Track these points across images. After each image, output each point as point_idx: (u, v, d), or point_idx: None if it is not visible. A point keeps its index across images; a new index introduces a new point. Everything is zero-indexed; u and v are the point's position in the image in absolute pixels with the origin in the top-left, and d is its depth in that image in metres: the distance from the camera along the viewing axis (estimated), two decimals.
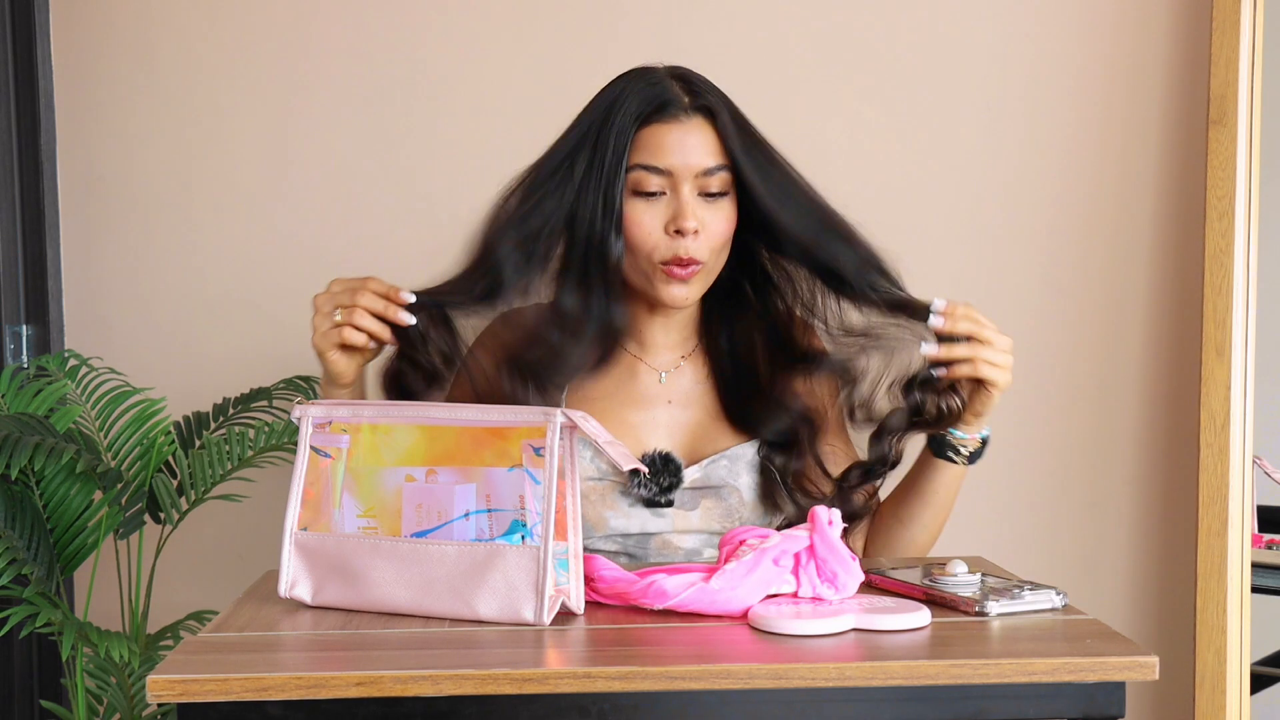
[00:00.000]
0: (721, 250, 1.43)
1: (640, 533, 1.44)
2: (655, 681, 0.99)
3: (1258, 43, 1.93)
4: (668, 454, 1.44)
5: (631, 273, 1.42)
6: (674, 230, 1.38)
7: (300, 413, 1.24)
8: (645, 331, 1.49)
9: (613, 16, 2.08)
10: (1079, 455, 2.10)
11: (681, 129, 1.38)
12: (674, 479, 1.44)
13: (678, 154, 1.37)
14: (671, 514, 1.44)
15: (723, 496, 1.46)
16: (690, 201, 1.38)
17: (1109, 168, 2.08)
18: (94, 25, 2.10)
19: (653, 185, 1.38)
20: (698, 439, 1.48)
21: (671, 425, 1.48)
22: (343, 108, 2.09)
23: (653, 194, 1.39)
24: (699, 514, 1.45)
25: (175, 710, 1.00)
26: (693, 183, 1.38)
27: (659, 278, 1.40)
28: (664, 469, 1.43)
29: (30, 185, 2.06)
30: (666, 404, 1.49)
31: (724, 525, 1.45)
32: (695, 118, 1.39)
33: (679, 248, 1.38)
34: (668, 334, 1.50)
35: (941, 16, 2.08)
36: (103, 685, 1.87)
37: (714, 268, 1.44)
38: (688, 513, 1.44)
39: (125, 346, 2.10)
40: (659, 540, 1.44)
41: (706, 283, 1.44)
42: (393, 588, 1.16)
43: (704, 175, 1.39)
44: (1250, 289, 1.92)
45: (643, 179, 1.38)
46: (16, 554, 1.72)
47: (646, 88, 1.39)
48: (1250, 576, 1.90)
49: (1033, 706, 1.02)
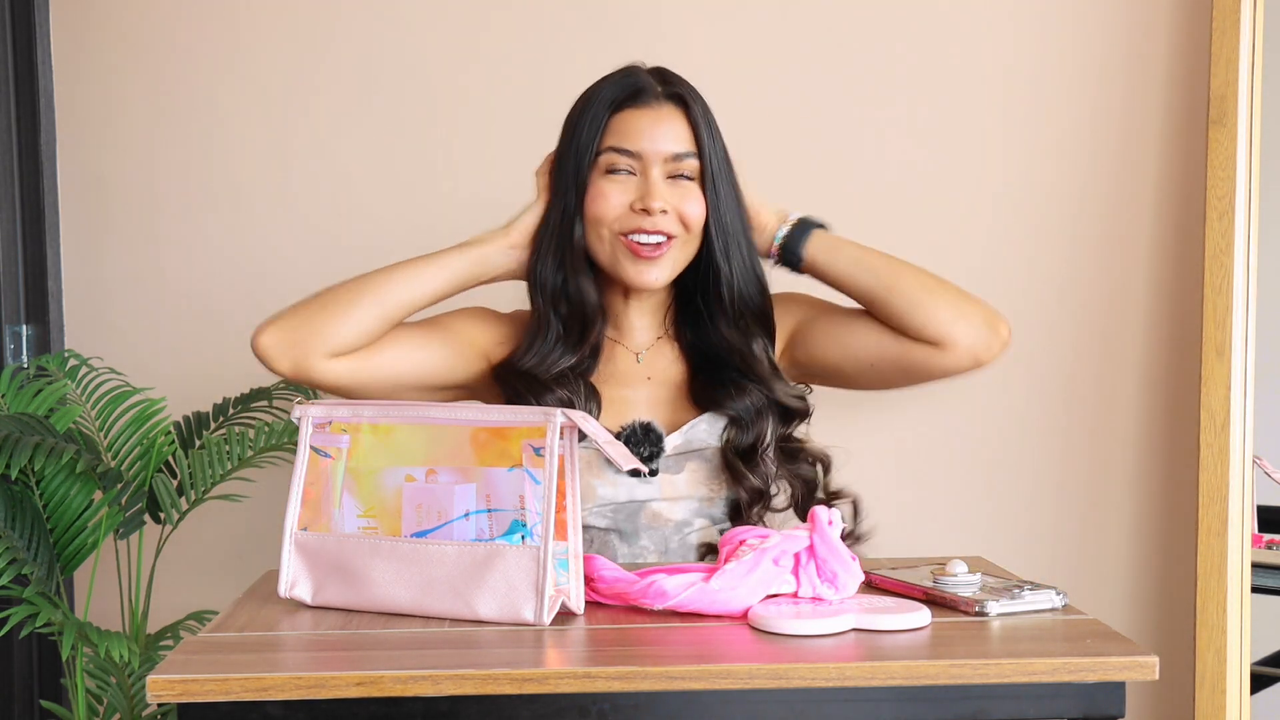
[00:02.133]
0: (691, 235, 1.47)
1: (629, 500, 1.46)
2: (655, 681, 0.99)
3: (1258, 43, 1.93)
4: (649, 423, 1.47)
5: (598, 252, 1.47)
6: (640, 209, 1.43)
7: (300, 413, 1.24)
8: (621, 316, 1.54)
9: (615, 20, 2.08)
10: (1079, 455, 2.10)
11: (653, 114, 1.44)
12: (655, 448, 1.47)
13: (648, 138, 1.44)
14: (659, 480, 1.47)
15: (706, 458, 1.49)
16: (659, 183, 1.44)
17: (1109, 168, 2.08)
18: (94, 25, 2.10)
19: (622, 166, 1.44)
20: (676, 410, 1.52)
21: (651, 399, 1.52)
22: (343, 107, 2.09)
23: (620, 173, 1.44)
24: (685, 477, 1.48)
25: (175, 710, 1.00)
26: (662, 166, 1.44)
27: (624, 255, 1.45)
28: (645, 438, 1.46)
29: (30, 185, 2.06)
30: (646, 380, 1.54)
31: (710, 488, 1.48)
32: (667, 105, 1.45)
33: (644, 220, 1.43)
34: (642, 317, 1.55)
35: (941, 18, 2.08)
36: (103, 685, 1.87)
37: (682, 253, 1.48)
38: (674, 476, 1.48)
39: (125, 346, 2.10)
40: (648, 513, 1.47)
41: (674, 267, 1.48)
42: (393, 588, 1.16)
43: (673, 160, 1.44)
44: (1250, 289, 1.92)
45: (613, 160, 1.44)
46: (16, 554, 1.72)
47: (623, 78, 1.47)
48: (1250, 576, 1.90)
49: (1033, 706, 1.02)
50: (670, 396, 1.53)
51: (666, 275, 1.47)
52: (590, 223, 1.46)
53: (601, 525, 1.47)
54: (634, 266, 1.46)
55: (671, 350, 1.56)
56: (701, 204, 1.46)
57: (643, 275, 1.46)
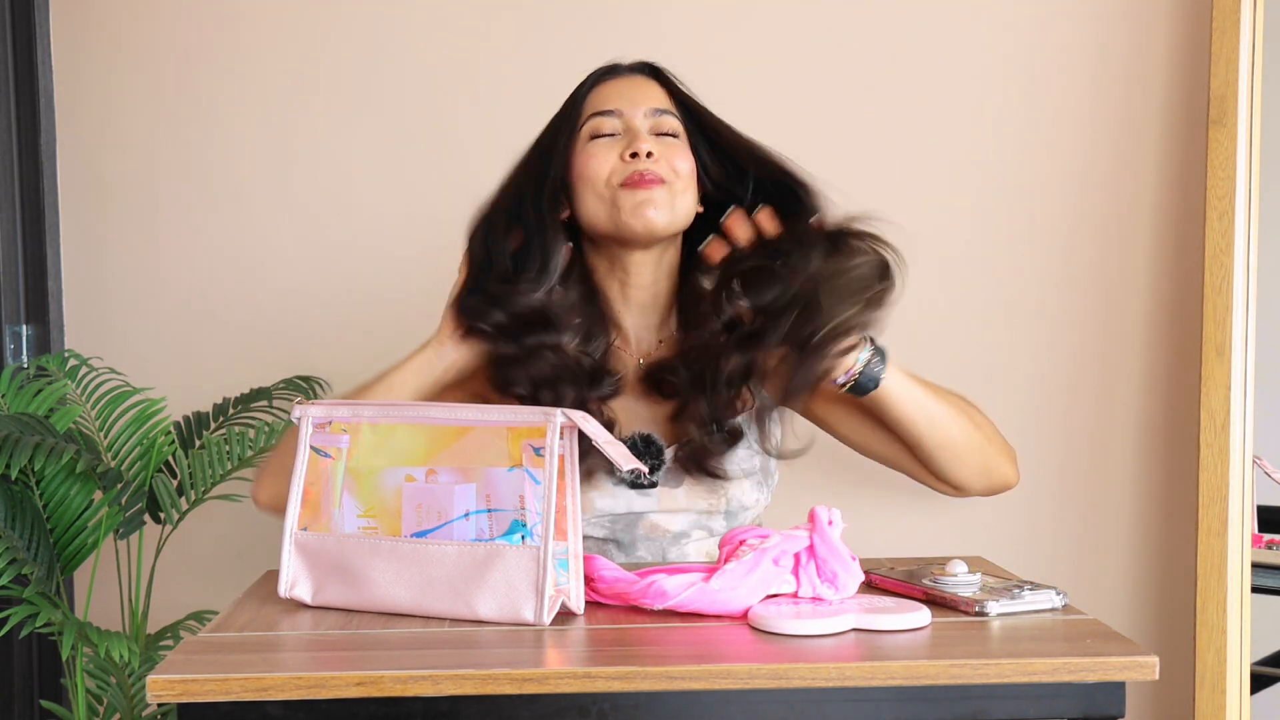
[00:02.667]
0: (683, 183, 1.45)
1: (627, 511, 1.45)
2: (655, 681, 0.99)
3: (1258, 43, 1.93)
4: (649, 435, 1.46)
5: (597, 214, 1.45)
6: (629, 155, 1.44)
7: (300, 413, 1.24)
8: (623, 317, 1.53)
9: (616, 19, 2.08)
10: (1079, 455, 2.10)
11: (628, 80, 1.50)
12: (656, 460, 1.46)
13: (625, 97, 1.48)
14: (657, 492, 1.46)
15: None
16: (644, 132, 1.45)
17: (1109, 168, 2.08)
18: (94, 25, 2.10)
19: (606, 128, 1.46)
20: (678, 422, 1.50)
21: (654, 407, 1.51)
22: (343, 107, 2.09)
23: (606, 136, 1.46)
24: (684, 490, 1.47)
25: (175, 710, 1.00)
26: (644, 120, 1.47)
27: (624, 199, 1.43)
28: (646, 450, 1.46)
29: (30, 185, 2.06)
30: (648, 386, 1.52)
31: (709, 502, 1.47)
32: (640, 75, 1.51)
33: (636, 165, 1.43)
34: (645, 317, 1.53)
35: (941, 18, 2.08)
36: (103, 685, 1.87)
37: (680, 201, 1.45)
38: (673, 490, 1.47)
39: (125, 346, 2.10)
40: (646, 524, 1.46)
41: (672, 214, 1.44)
42: (393, 588, 1.16)
43: (654, 115, 1.47)
44: (1250, 289, 1.91)
45: (597, 124, 1.47)
46: (16, 554, 1.72)
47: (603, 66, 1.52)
48: (1250, 576, 1.90)
49: (1033, 706, 1.02)
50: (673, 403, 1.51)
51: (665, 217, 1.43)
52: (586, 184, 1.44)
53: (599, 535, 1.47)
54: (633, 202, 1.42)
55: (673, 353, 1.53)
56: (689, 158, 1.47)
57: (643, 210, 1.42)
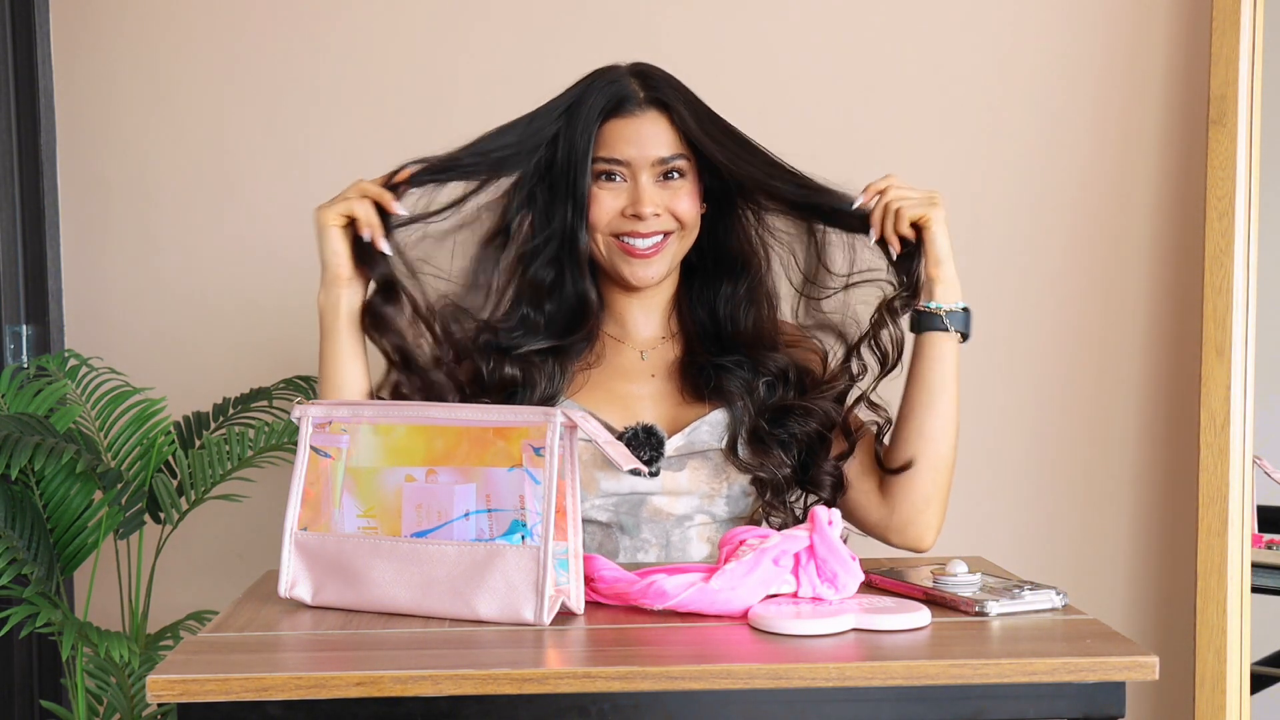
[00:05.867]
0: (686, 229, 1.52)
1: (631, 492, 1.48)
2: (655, 681, 0.99)
3: (1258, 43, 1.93)
4: (650, 426, 1.49)
5: (597, 254, 1.52)
6: (631, 214, 1.48)
7: (300, 413, 1.24)
8: (625, 315, 1.57)
9: (616, 17, 2.08)
10: (1079, 455, 2.10)
11: (638, 122, 1.49)
12: (656, 451, 1.48)
13: (634, 145, 1.48)
14: (661, 476, 1.49)
15: (708, 457, 1.51)
16: (648, 188, 1.48)
17: (1109, 168, 2.08)
18: (94, 25, 2.10)
19: (614, 172, 1.49)
20: (681, 408, 1.53)
21: (655, 396, 1.54)
22: (343, 107, 2.09)
23: (614, 179, 1.49)
24: (686, 474, 1.49)
25: (175, 710, 1.00)
26: (650, 171, 1.49)
27: (619, 256, 1.50)
28: (647, 441, 1.48)
29: (30, 185, 2.06)
30: (650, 377, 1.56)
31: (712, 485, 1.50)
32: (650, 111, 1.50)
33: (636, 225, 1.48)
34: (647, 316, 1.58)
35: (941, 17, 2.08)
36: (103, 685, 1.87)
37: (679, 246, 1.52)
38: (675, 474, 1.49)
39: (125, 346, 2.10)
40: (650, 507, 1.48)
41: (671, 261, 1.52)
42: (393, 588, 1.16)
43: (660, 163, 1.49)
44: (1250, 289, 1.92)
45: (605, 169, 1.49)
46: (16, 554, 1.72)
47: (606, 85, 1.50)
48: (1250, 576, 1.90)
49: (1033, 706, 1.02)
50: (674, 392, 1.54)
51: (663, 270, 1.52)
52: (591, 221, 1.50)
53: (604, 519, 1.48)
54: (629, 266, 1.51)
55: (677, 348, 1.57)
56: (693, 200, 1.51)
57: (638, 273, 1.51)
